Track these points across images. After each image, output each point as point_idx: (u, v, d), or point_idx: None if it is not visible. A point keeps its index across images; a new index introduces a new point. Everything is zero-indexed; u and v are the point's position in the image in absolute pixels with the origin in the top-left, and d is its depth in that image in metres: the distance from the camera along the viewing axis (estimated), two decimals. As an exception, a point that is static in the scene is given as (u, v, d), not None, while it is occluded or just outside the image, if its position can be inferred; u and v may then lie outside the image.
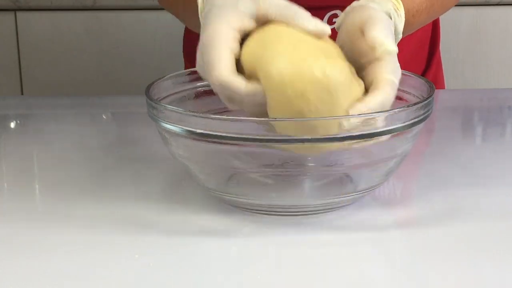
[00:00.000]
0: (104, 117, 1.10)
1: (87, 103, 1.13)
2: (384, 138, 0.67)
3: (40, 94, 1.58)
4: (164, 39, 1.55)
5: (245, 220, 0.72)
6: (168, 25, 1.54)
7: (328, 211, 0.73)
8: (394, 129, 0.68)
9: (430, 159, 0.87)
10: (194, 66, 0.74)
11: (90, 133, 0.99)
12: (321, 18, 0.98)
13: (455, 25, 1.56)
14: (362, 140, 0.67)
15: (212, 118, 0.67)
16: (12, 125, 1.08)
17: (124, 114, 1.10)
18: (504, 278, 0.62)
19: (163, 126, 0.71)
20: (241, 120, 0.66)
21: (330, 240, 0.69)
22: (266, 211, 0.72)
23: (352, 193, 0.73)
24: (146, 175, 0.83)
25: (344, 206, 0.73)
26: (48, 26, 1.56)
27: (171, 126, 0.70)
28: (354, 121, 0.65)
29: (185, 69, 1.09)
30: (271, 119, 0.66)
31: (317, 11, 0.97)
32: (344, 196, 0.72)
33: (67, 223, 0.73)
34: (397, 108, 0.68)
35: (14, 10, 1.55)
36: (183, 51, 1.17)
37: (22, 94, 1.60)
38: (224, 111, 0.78)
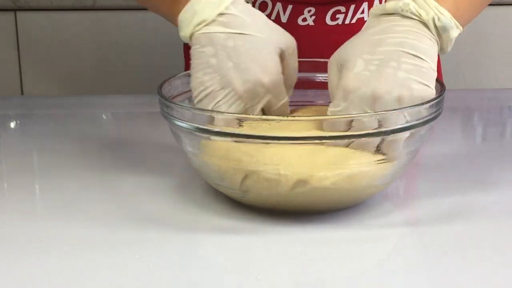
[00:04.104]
0: (104, 117, 1.10)
1: (87, 103, 1.13)
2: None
3: (40, 94, 1.58)
4: (164, 39, 1.55)
5: (255, 218, 0.72)
6: (168, 25, 1.54)
7: (339, 209, 0.73)
8: (407, 127, 0.69)
9: (431, 159, 0.87)
10: None
11: (90, 133, 0.99)
12: (325, 14, 0.98)
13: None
14: (372, 137, 0.68)
15: (230, 117, 0.68)
16: (12, 125, 1.08)
17: (124, 114, 1.10)
18: (510, 274, 0.63)
19: (178, 125, 0.71)
20: (260, 119, 0.68)
21: (340, 237, 0.69)
22: (278, 208, 0.72)
23: None
24: (147, 175, 0.83)
25: (355, 204, 0.74)
26: (48, 26, 1.55)
27: (187, 125, 0.70)
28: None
29: (185, 66, 1.10)
30: (284, 117, 0.68)
31: (321, 6, 0.96)
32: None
33: (67, 223, 0.73)
34: (409, 106, 0.69)
35: (14, 10, 1.55)
36: (184, 50, 1.17)
37: (22, 94, 1.60)
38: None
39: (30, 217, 0.75)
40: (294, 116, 0.71)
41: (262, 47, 0.73)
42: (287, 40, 0.76)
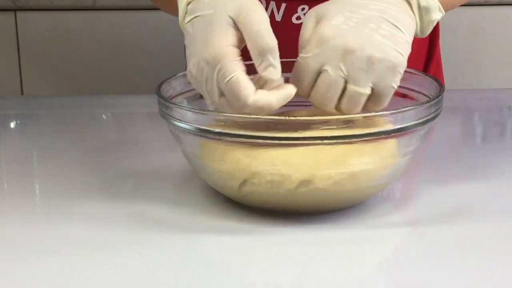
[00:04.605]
0: (104, 117, 1.10)
1: (87, 103, 1.13)
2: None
3: (40, 94, 1.58)
4: (164, 39, 1.55)
5: (256, 218, 0.72)
6: (168, 25, 1.54)
7: (340, 209, 0.73)
8: (406, 127, 0.69)
9: (431, 159, 0.87)
10: None
11: (90, 133, 0.99)
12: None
13: (455, 25, 1.56)
14: (369, 138, 0.68)
15: (230, 117, 0.68)
16: (12, 125, 1.08)
17: (124, 114, 1.10)
18: (510, 274, 0.63)
19: (177, 125, 0.71)
20: (259, 119, 0.68)
21: (340, 237, 0.69)
22: (278, 209, 0.72)
23: None
24: (147, 175, 0.83)
25: (355, 204, 0.74)
26: (48, 26, 1.55)
27: (186, 125, 0.70)
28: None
29: (187, 67, 1.10)
30: (286, 117, 0.68)
31: (314, 4, 0.96)
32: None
33: (67, 223, 0.73)
34: (409, 106, 0.69)
35: (14, 10, 1.55)
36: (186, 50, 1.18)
37: (22, 94, 1.60)
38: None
39: (30, 217, 0.75)
40: (295, 117, 0.71)
41: (209, 23, 0.70)
42: (235, 7, 0.70)
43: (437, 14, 0.74)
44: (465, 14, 1.56)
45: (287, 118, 0.68)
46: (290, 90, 0.70)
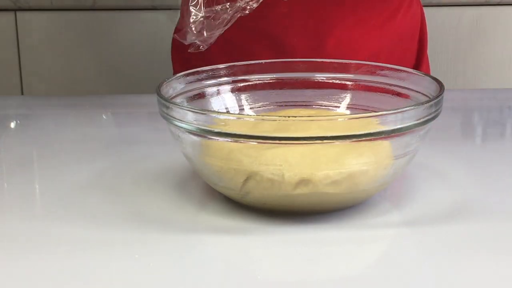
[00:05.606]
0: (104, 117, 1.10)
1: (87, 103, 1.13)
2: None
3: (40, 94, 1.58)
4: (164, 39, 1.55)
5: (256, 218, 0.72)
6: (168, 25, 1.54)
7: (340, 209, 0.73)
8: (405, 127, 0.69)
9: (431, 159, 0.87)
10: (183, 69, 0.74)
11: (90, 133, 0.99)
12: None
13: (456, 25, 1.56)
14: (369, 138, 0.68)
15: (232, 117, 0.68)
16: (12, 125, 1.08)
17: (124, 114, 1.10)
18: (510, 274, 0.63)
19: (177, 126, 0.71)
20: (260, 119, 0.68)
21: (340, 237, 0.69)
22: (278, 209, 0.72)
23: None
24: (147, 175, 0.83)
25: (355, 204, 0.74)
26: (48, 26, 1.56)
27: (186, 125, 0.70)
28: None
29: (174, 73, 1.10)
30: (286, 117, 0.68)
31: None
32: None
33: (67, 222, 0.73)
34: (409, 106, 0.69)
35: (14, 10, 1.55)
36: (172, 57, 1.17)
37: (22, 94, 1.60)
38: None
39: (30, 216, 0.75)
40: (294, 116, 0.71)
41: None
42: None
43: None
44: (466, 14, 1.56)
45: (287, 117, 0.68)
46: None
